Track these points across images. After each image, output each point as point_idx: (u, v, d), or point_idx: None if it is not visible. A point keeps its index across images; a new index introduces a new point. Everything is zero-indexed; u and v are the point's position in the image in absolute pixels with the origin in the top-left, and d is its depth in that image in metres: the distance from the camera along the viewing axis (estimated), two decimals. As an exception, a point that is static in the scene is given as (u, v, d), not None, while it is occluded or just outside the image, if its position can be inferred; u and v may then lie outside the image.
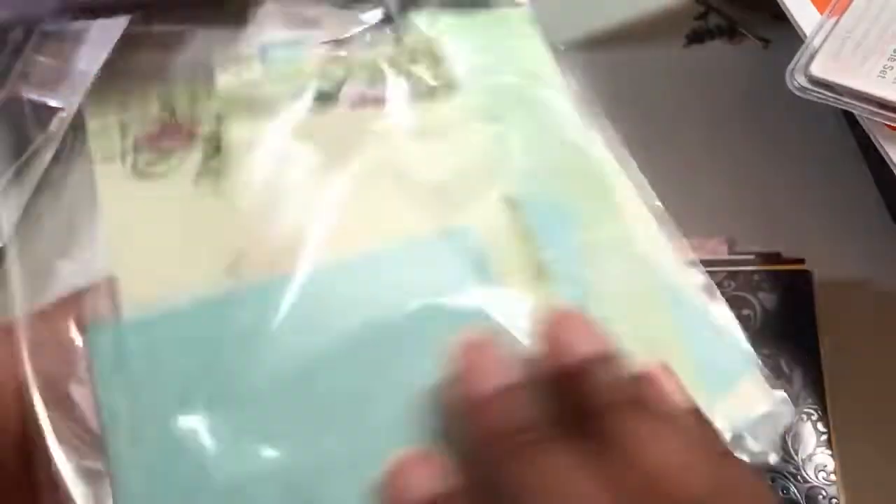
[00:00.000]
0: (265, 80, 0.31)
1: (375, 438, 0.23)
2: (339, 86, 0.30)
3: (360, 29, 0.32)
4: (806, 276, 0.40)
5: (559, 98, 0.32)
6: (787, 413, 0.27)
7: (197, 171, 0.29)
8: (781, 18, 0.42)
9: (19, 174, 0.56)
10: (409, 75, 0.30)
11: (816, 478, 0.35)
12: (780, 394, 0.27)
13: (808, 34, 0.39)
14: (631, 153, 0.48)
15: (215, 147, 0.29)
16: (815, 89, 0.37)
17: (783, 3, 0.41)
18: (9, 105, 0.58)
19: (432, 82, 0.30)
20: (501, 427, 0.20)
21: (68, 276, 0.33)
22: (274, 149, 0.29)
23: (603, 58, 0.53)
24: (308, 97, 0.30)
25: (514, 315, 0.25)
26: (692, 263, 0.29)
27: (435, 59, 0.31)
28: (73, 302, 0.26)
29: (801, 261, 0.41)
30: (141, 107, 0.31)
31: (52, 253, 0.55)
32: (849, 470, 0.36)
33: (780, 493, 0.35)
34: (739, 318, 0.39)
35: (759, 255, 0.42)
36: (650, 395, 0.21)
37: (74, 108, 0.57)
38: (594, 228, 0.28)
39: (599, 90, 0.51)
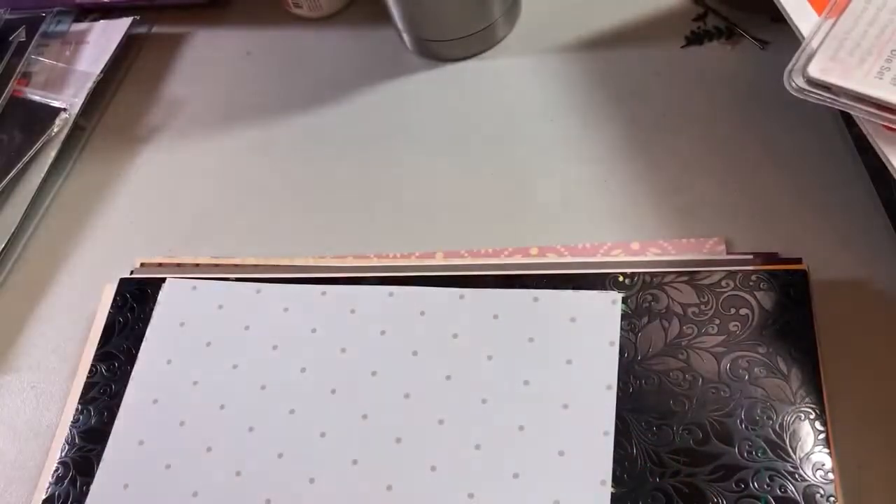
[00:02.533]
0: None
1: None
2: None
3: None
4: (803, 275, 0.40)
5: None
6: None
7: None
8: (780, 20, 0.42)
9: (23, 173, 0.56)
10: None
11: (814, 476, 0.36)
12: None
13: (805, 35, 0.39)
14: (630, 153, 0.48)
15: None
16: (813, 90, 0.38)
17: (781, 5, 0.41)
18: (12, 105, 0.58)
19: None
20: None
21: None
22: None
23: (603, 58, 0.53)
24: None
25: None
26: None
27: None
28: None
29: (799, 260, 0.41)
30: None
31: (55, 248, 0.56)
32: (847, 469, 0.36)
33: (778, 491, 0.36)
34: (738, 317, 0.40)
35: (756, 254, 0.42)
36: None
37: (77, 108, 0.58)
38: None
39: (599, 90, 0.52)
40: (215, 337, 0.46)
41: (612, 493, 0.37)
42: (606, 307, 0.42)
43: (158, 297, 0.48)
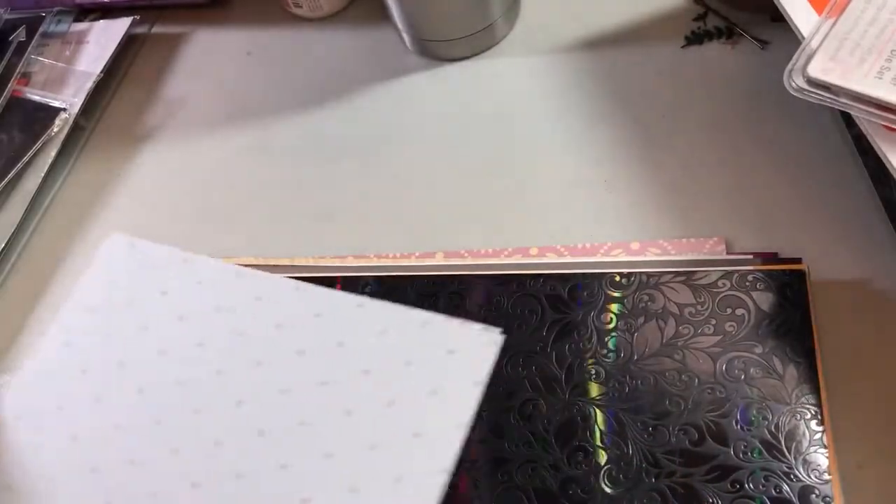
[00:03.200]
0: None
1: None
2: None
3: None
4: (800, 275, 0.40)
5: None
6: None
7: None
8: (780, 20, 0.42)
9: (23, 172, 0.56)
10: None
11: (810, 477, 0.35)
12: None
13: (805, 35, 0.39)
14: (630, 153, 0.48)
15: None
16: (813, 90, 0.37)
17: (781, 5, 0.41)
18: (12, 105, 0.58)
19: None
20: None
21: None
22: None
23: (603, 58, 0.53)
24: None
25: None
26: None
27: None
28: None
29: (798, 260, 0.41)
30: None
31: (55, 248, 0.56)
32: (846, 468, 0.36)
33: (773, 492, 0.35)
34: (734, 317, 0.40)
35: (756, 254, 0.42)
36: None
37: (77, 108, 0.58)
38: None
39: (599, 90, 0.52)
40: (133, 297, 0.48)
41: (609, 494, 0.37)
42: (484, 346, 0.42)
43: (98, 251, 0.50)
